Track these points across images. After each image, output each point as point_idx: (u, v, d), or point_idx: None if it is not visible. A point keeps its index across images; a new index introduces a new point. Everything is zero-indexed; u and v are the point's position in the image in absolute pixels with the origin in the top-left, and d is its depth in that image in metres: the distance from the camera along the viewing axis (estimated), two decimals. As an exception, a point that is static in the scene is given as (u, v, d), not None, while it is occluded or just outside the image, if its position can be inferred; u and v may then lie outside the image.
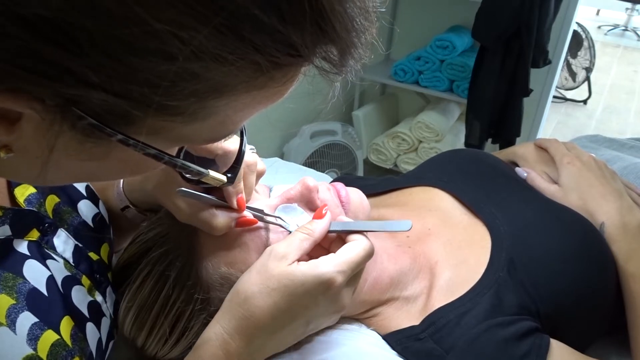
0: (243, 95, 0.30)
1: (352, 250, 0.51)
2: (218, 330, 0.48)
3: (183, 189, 0.50)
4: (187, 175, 0.48)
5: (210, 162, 0.54)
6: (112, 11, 0.23)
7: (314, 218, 0.55)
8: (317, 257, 0.51)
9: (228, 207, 0.53)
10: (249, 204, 0.56)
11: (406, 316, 0.67)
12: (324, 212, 0.55)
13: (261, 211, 0.56)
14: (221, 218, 0.52)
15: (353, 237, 0.54)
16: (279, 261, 0.49)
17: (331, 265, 0.49)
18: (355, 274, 0.52)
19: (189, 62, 0.25)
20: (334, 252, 0.52)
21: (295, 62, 0.29)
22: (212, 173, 0.42)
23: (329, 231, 0.55)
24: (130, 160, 0.33)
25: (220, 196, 0.53)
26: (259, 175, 0.58)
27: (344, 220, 0.57)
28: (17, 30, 0.23)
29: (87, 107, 0.26)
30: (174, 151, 0.37)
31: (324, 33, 0.28)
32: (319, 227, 0.53)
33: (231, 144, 0.53)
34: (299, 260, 0.50)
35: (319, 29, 0.27)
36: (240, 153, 0.47)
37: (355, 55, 0.31)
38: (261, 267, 0.49)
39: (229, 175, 0.46)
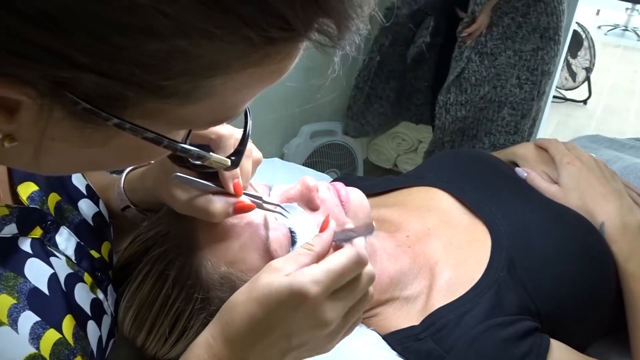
0: (239, 74, 0.29)
1: (333, 258, 0.46)
2: (206, 334, 0.48)
3: (179, 174, 0.49)
4: (191, 161, 0.47)
5: (204, 147, 0.53)
6: None
7: (320, 231, 0.50)
8: None
9: (225, 194, 0.53)
10: (247, 192, 0.55)
11: (406, 316, 0.67)
12: (330, 222, 0.51)
13: (260, 198, 0.56)
14: (218, 204, 0.52)
15: (344, 245, 0.49)
16: (270, 273, 0.46)
17: (307, 275, 0.44)
18: (342, 286, 0.46)
19: (176, 39, 0.25)
20: None
21: (289, 37, 0.28)
22: (214, 156, 0.41)
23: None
24: (129, 147, 0.32)
25: (216, 183, 0.53)
26: (255, 163, 0.57)
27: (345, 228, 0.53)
28: None
29: (79, 90, 0.26)
30: (178, 137, 0.36)
31: (315, 4, 0.27)
32: (321, 241, 0.49)
33: (224, 129, 0.52)
34: None
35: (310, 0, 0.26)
36: (245, 135, 0.46)
37: (353, 28, 0.29)
38: (255, 278, 0.47)
39: (232, 158, 0.44)
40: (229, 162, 0.43)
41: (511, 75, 1.54)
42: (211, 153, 0.40)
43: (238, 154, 0.45)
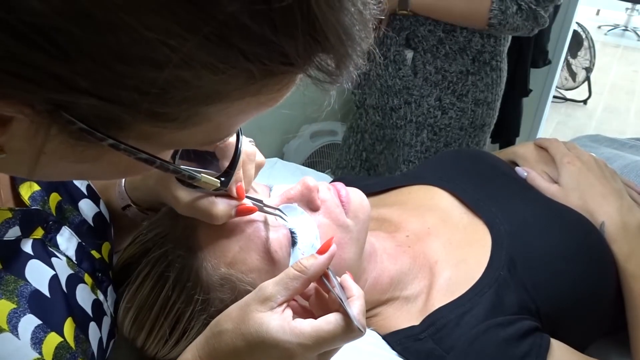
0: (236, 102, 0.30)
1: (327, 326, 0.45)
2: (193, 348, 0.49)
3: None
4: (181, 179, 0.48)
5: (210, 154, 0.54)
6: (98, 18, 0.23)
7: (318, 252, 0.49)
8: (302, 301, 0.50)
9: (227, 196, 0.53)
10: (248, 195, 0.56)
11: (406, 316, 0.67)
12: (331, 246, 0.49)
13: (260, 201, 0.56)
14: (221, 206, 0.52)
15: (331, 306, 0.48)
16: (261, 304, 0.46)
17: (297, 335, 0.44)
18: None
19: (179, 70, 0.25)
20: (313, 303, 0.50)
21: (289, 71, 0.29)
22: (204, 177, 0.42)
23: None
24: (121, 163, 0.33)
25: None
26: (258, 167, 0.57)
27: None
28: (2, 36, 0.23)
29: (77, 111, 0.26)
30: (168, 153, 0.37)
31: (317, 43, 0.27)
32: (315, 264, 0.47)
33: (232, 136, 0.53)
34: (288, 301, 0.47)
35: (311, 39, 0.27)
36: (235, 157, 0.47)
37: (350, 65, 0.30)
38: (245, 304, 0.47)
39: (222, 179, 0.45)
40: (218, 182, 0.44)
41: (428, 94, 1.27)
42: (201, 174, 0.41)
43: (227, 174, 0.47)
